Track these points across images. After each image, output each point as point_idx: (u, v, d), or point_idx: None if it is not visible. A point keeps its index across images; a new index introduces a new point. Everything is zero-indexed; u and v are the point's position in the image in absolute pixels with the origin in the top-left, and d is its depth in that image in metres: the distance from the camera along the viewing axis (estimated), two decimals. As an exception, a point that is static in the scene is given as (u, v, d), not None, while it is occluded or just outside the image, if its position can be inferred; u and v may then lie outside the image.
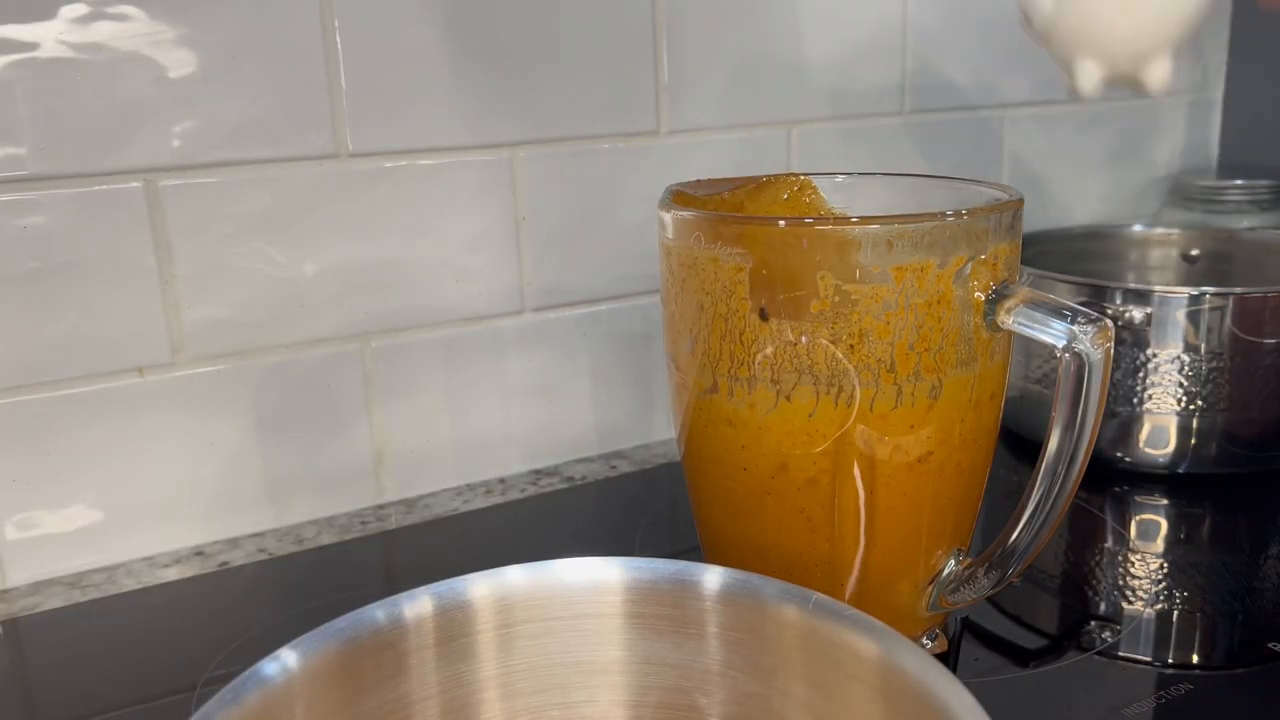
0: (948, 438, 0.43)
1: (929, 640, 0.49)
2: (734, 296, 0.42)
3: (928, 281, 0.41)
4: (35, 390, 0.58)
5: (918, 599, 0.47)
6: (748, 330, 0.42)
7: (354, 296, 0.65)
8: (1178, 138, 1.00)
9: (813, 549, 0.45)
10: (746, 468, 0.45)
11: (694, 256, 0.44)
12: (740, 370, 0.43)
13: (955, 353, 0.42)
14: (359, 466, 0.68)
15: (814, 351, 0.42)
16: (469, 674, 0.37)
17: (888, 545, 0.45)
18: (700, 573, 0.37)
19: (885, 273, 0.40)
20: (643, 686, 0.38)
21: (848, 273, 0.40)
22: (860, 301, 0.41)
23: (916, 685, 0.31)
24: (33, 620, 0.56)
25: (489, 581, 0.37)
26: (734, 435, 0.44)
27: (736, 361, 0.43)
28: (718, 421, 0.45)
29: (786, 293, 0.41)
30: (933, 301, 0.41)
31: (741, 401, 0.44)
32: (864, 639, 0.34)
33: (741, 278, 0.42)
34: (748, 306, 0.42)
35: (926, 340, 0.42)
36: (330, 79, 0.61)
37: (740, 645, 0.37)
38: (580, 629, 0.38)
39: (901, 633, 0.40)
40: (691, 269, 0.44)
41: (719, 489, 0.47)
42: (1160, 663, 0.49)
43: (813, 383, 0.42)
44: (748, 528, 0.46)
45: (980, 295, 0.42)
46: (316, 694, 0.33)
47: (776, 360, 0.42)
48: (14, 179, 0.55)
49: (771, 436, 0.43)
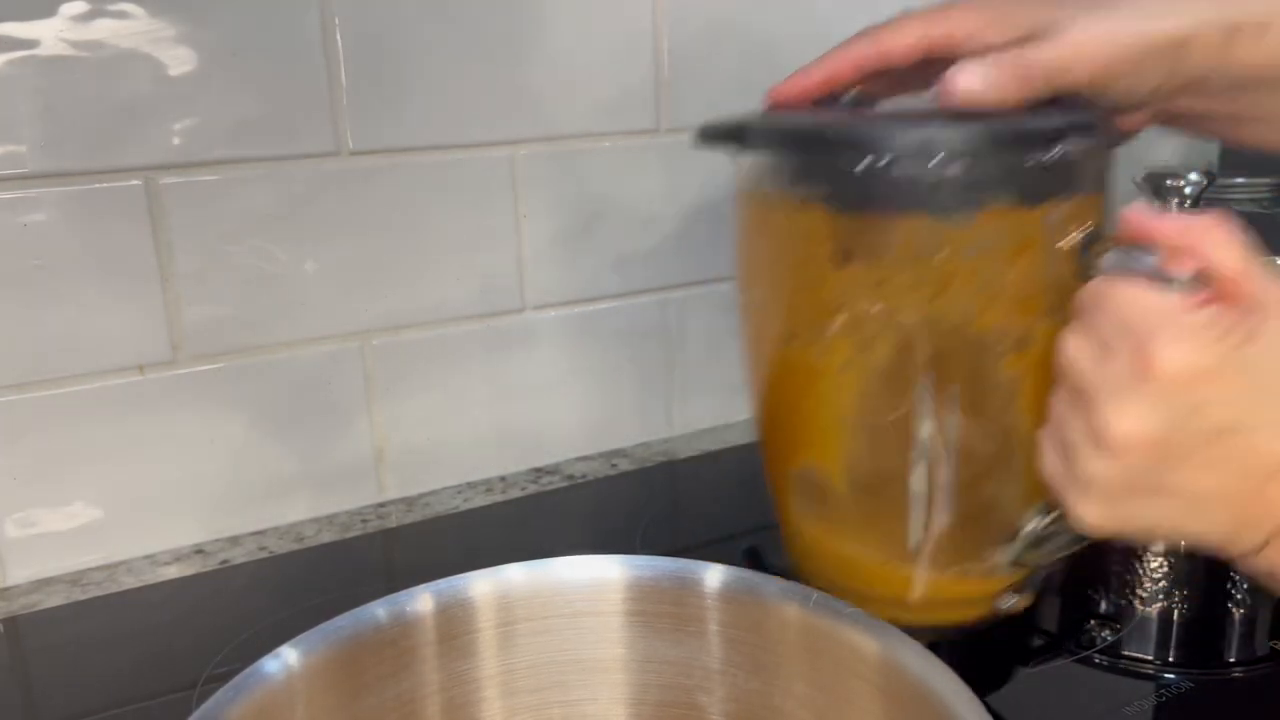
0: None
1: (1014, 596, 0.47)
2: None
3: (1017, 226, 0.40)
4: (35, 388, 0.58)
5: (1002, 554, 0.45)
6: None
7: (354, 294, 0.65)
8: (1178, 138, 0.99)
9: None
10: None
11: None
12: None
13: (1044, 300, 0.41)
14: (359, 464, 0.68)
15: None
16: (470, 671, 0.37)
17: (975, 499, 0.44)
18: (701, 571, 0.37)
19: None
20: (643, 684, 0.38)
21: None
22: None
23: (917, 683, 0.31)
24: (33, 618, 0.56)
25: (489, 579, 0.38)
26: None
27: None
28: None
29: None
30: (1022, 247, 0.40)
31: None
32: (865, 637, 0.34)
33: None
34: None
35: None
36: (330, 77, 0.61)
37: (741, 643, 0.37)
38: (581, 627, 0.38)
39: (985, 590, 0.39)
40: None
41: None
42: (1160, 663, 0.49)
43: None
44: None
45: (1069, 242, 0.40)
46: (317, 691, 0.33)
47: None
48: (14, 177, 0.55)
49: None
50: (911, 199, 0.39)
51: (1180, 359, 0.33)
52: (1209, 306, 0.34)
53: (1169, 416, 0.33)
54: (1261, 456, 0.33)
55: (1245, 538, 0.35)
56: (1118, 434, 0.34)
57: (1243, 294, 0.33)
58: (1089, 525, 0.37)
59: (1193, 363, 0.33)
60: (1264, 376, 0.33)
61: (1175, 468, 0.34)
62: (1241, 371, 0.33)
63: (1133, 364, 0.34)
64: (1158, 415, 0.33)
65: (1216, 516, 0.35)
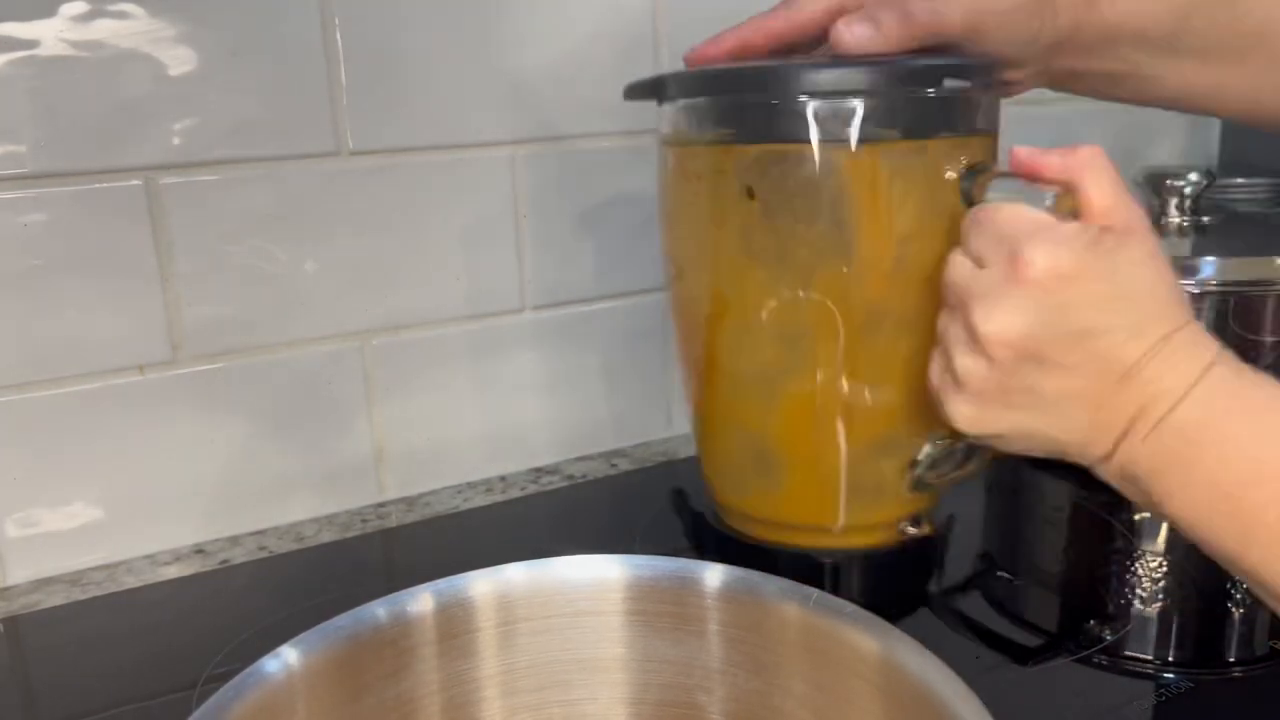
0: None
1: (913, 527, 0.51)
2: None
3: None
4: (36, 388, 0.58)
5: (900, 479, 0.49)
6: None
7: (354, 294, 0.65)
8: (1178, 138, 1.00)
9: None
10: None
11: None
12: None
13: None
14: (359, 464, 0.68)
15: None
16: (470, 671, 0.37)
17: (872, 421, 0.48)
18: (701, 570, 0.37)
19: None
20: (643, 684, 0.38)
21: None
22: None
23: (917, 682, 0.31)
24: (33, 618, 0.56)
25: (490, 579, 0.38)
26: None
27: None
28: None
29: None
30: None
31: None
32: (864, 636, 0.34)
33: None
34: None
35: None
36: (331, 77, 0.61)
37: (741, 642, 0.37)
38: (581, 626, 0.38)
39: (887, 514, 0.43)
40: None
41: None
42: (1160, 662, 0.49)
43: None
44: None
45: (953, 173, 0.44)
46: (318, 691, 0.33)
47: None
48: (14, 177, 0.55)
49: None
50: (809, 131, 0.43)
51: (1048, 262, 0.36)
52: (1078, 223, 0.37)
53: (1036, 317, 0.36)
54: (1117, 358, 0.36)
55: (1099, 441, 0.37)
56: (988, 332, 0.37)
57: (1112, 219, 0.37)
58: (961, 424, 0.40)
59: (1059, 266, 0.36)
60: (1124, 284, 0.36)
61: (1039, 367, 0.37)
62: (1103, 278, 0.36)
63: (1005, 270, 0.37)
64: (1025, 316, 0.36)
65: (1074, 418, 0.37)
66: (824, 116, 0.43)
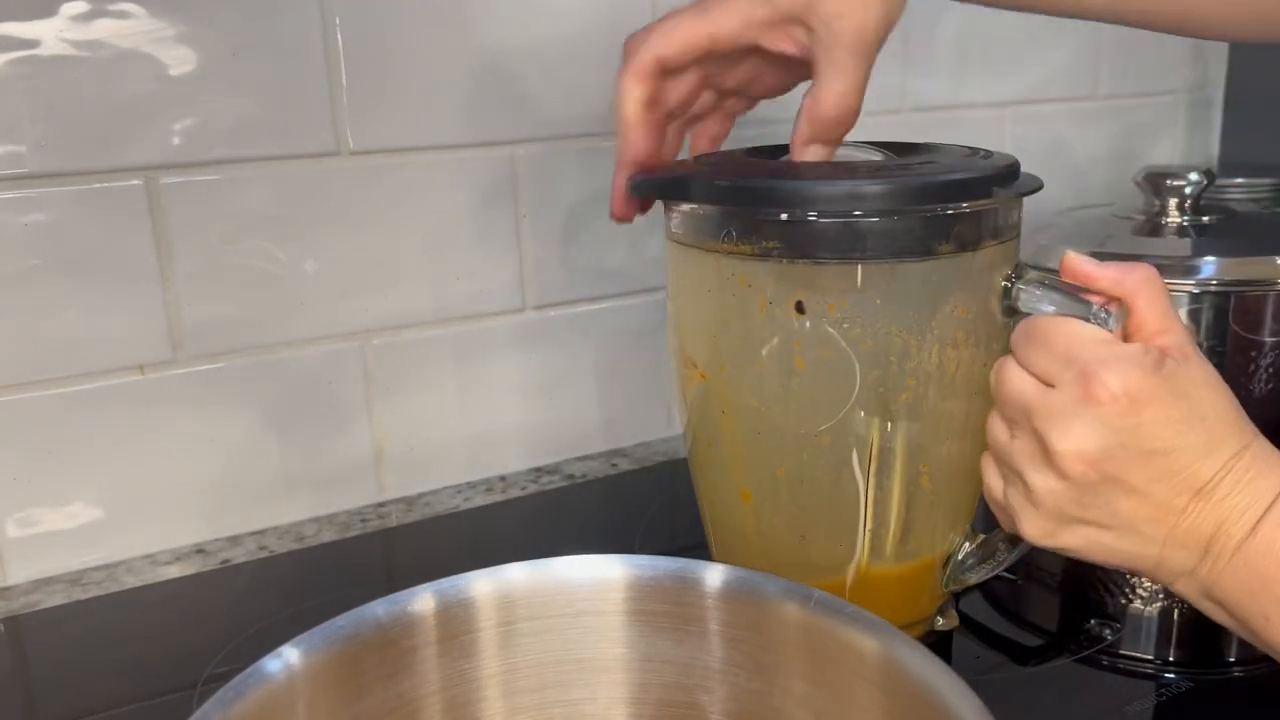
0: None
1: (940, 617, 0.50)
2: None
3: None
4: (36, 388, 0.58)
5: (938, 576, 0.49)
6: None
7: (355, 294, 0.65)
8: (1178, 137, 1.00)
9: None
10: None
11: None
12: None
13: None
14: (360, 464, 0.68)
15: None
16: (470, 671, 0.37)
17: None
18: (702, 570, 0.37)
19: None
20: (644, 684, 0.38)
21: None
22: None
23: (917, 682, 0.31)
24: (33, 617, 0.56)
25: (490, 579, 0.38)
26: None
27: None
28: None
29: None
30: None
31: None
32: (865, 636, 0.34)
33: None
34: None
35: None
36: (331, 76, 0.61)
37: (741, 642, 0.37)
38: (581, 626, 0.38)
39: (919, 610, 0.41)
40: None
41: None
42: (1160, 662, 0.49)
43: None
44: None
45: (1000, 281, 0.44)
46: (318, 691, 0.33)
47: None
48: (15, 176, 0.55)
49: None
50: (845, 248, 0.43)
51: (1121, 384, 0.36)
52: (1140, 344, 0.38)
53: (1113, 438, 0.37)
54: (1190, 476, 0.37)
55: (1174, 559, 0.37)
56: (1064, 450, 0.37)
57: (1166, 340, 0.38)
58: (1036, 539, 0.40)
59: (1130, 388, 0.36)
60: (1193, 404, 0.37)
61: (1114, 486, 0.37)
62: (1173, 398, 0.37)
63: (1077, 390, 0.37)
64: (1100, 436, 0.37)
65: (1148, 535, 0.38)
66: (860, 233, 0.42)
